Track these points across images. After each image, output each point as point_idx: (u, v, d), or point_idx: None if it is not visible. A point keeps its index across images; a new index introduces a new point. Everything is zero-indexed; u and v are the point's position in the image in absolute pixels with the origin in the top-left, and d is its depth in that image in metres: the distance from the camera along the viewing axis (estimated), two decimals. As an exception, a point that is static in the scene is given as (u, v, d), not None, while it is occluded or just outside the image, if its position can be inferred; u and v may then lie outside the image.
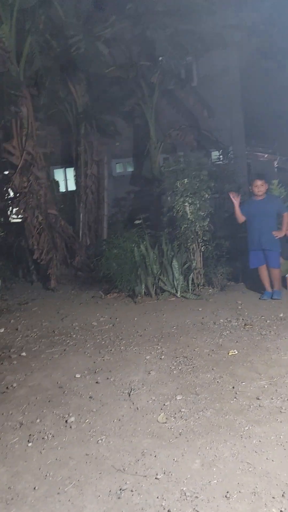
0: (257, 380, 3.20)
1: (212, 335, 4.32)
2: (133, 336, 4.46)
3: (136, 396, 3.09)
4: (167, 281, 6.09)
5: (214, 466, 2.25)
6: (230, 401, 2.91)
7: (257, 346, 3.91)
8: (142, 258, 6.04)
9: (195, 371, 3.44)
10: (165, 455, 2.38)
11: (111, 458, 2.41)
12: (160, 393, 3.11)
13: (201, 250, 6.47)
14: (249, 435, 2.50)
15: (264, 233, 5.65)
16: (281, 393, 2.95)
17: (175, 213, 6.31)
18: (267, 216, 5.66)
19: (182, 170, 6.40)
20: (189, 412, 2.81)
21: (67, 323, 5.15)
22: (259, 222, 5.66)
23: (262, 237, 5.65)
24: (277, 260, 5.74)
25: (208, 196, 6.40)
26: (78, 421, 2.82)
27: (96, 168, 8.62)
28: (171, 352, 3.90)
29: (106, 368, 3.64)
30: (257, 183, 5.69)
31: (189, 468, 2.25)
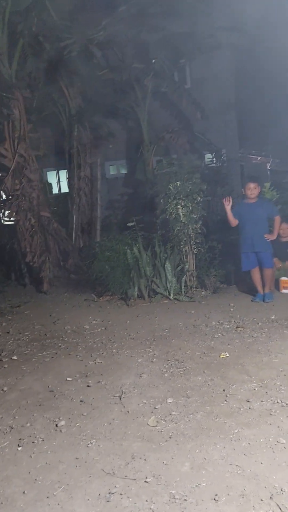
0: (247, 382, 3.21)
1: (204, 337, 4.33)
2: (125, 339, 4.46)
3: (127, 399, 3.09)
4: (160, 283, 6.11)
5: (204, 469, 2.26)
6: (220, 404, 2.92)
7: (248, 348, 3.93)
8: (135, 261, 6.05)
9: (187, 374, 3.45)
10: (155, 458, 2.39)
11: (101, 462, 2.40)
12: (151, 396, 3.11)
13: (194, 253, 6.50)
14: (238, 437, 2.50)
15: (256, 236, 5.69)
16: (271, 396, 2.96)
17: (168, 215, 6.33)
18: (259, 219, 5.70)
19: (175, 172, 6.44)
20: (180, 415, 2.81)
21: (59, 326, 5.14)
22: (251, 225, 5.70)
23: (255, 239, 5.68)
24: (270, 260, 5.78)
25: (201, 199, 6.43)
26: (69, 425, 2.81)
27: (89, 170, 8.63)
28: (163, 355, 3.91)
29: (98, 371, 3.64)
30: (250, 186, 5.72)
31: (178, 471, 2.26)
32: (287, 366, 3.45)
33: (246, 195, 5.77)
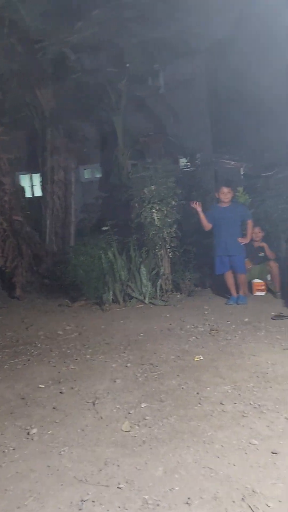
0: (221, 385, 3.23)
1: (178, 341, 4.34)
2: (99, 344, 4.43)
3: (100, 405, 3.06)
4: (135, 287, 6.10)
5: (177, 472, 2.25)
6: (194, 407, 2.93)
7: (222, 351, 3.96)
8: (110, 265, 6.02)
9: (161, 378, 3.45)
10: (128, 463, 2.37)
11: (73, 469, 2.37)
12: (125, 401, 3.09)
13: (169, 256, 6.51)
14: (211, 440, 2.51)
15: (230, 239, 5.76)
16: (244, 398, 2.99)
17: (142, 219, 6.33)
18: (232, 222, 5.78)
19: (150, 177, 6.44)
20: (154, 419, 2.80)
21: (32, 332, 5.06)
22: (225, 229, 5.77)
23: (228, 243, 5.75)
24: (242, 265, 5.85)
25: (175, 203, 6.45)
26: (41, 433, 2.76)
27: (63, 174, 8.54)
28: (138, 360, 3.89)
29: (71, 377, 3.60)
30: (224, 190, 5.79)
31: (151, 476, 2.25)
32: (260, 367, 3.49)
33: (220, 199, 5.84)
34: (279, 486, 2.08)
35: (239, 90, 12.63)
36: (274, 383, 3.19)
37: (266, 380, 3.24)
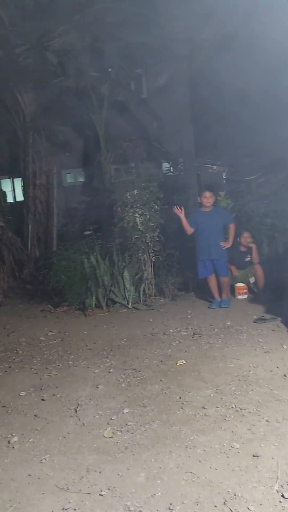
0: (203, 389, 3.24)
1: (161, 345, 4.34)
2: (82, 350, 4.40)
3: (83, 411, 3.04)
4: (118, 292, 6.08)
5: (159, 478, 2.25)
6: (176, 412, 2.93)
7: (204, 355, 3.97)
8: (93, 270, 5.99)
9: (143, 383, 3.44)
10: (110, 470, 2.36)
11: (54, 477, 2.34)
12: (107, 407, 3.08)
13: (152, 261, 6.52)
14: (194, 444, 2.52)
15: (212, 244, 5.79)
16: (226, 401, 3.00)
17: (125, 224, 6.32)
18: (214, 227, 5.81)
19: (132, 181, 6.45)
20: (136, 425, 2.80)
21: (14, 338, 5.00)
22: (207, 233, 5.80)
23: (210, 247, 5.78)
24: (224, 268, 5.89)
25: (158, 207, 6.47)
26: (22, 441, 2.73)
27: (45, 178, 8.49)
28: (120, 365, 3.88)
29: (53, 384, 3.56)
30: (206, 194, 5.82)
31: (133, 482, 2.24)
32: (242, 371, 3.51)
33: (202, 203, 5.88)
34: (260, 489, 2.09)
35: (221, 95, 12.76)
36: (255, 386, 3.21)
37: (248, 383, 3.26)
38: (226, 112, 12.66)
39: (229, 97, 12.37)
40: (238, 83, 11.10)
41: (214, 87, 12.72)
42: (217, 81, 12.66)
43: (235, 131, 12.37)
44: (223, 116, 12.64)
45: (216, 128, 12.90)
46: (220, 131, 12.93)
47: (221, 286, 5.90)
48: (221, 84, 12.60)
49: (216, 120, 12.72)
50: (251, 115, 11.25)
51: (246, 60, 10.32)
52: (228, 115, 12.54)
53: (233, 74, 12.01)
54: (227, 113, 12.61)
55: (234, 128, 12.43)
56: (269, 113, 10.65)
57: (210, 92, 12.91)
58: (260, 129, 11.20)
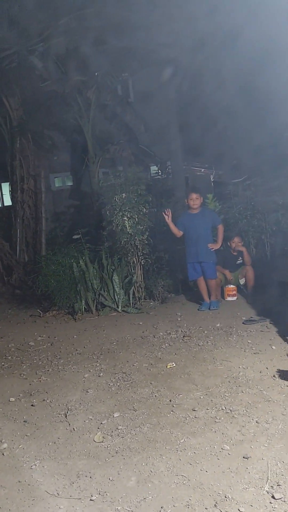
0: (193, 391, 3.25)
1: (151, 348, 4.34)
2: (71, 355, 4.38)
3: (72, 416, 3.03)
4: (108, 296, 6.07)
5: (150, 482, 2.24)
6: (167, 415, 2.93)
7: (194, 357, 3.98)
8: (82, 274, 5.97)
9: (134, 387, 3.43)
10: (100, 475, 2.35)
11: (45, 483, 2.33)
12: (97, 411, 3.07)
13: (142, 264, 6.52)
14: (184, 447, 2.52)
15: (200, 246, 5.81)
16: (216, 403, 3.01)
17: (114, 227, 6.32)
18: (202, 228, 5.83)
19: (120, 184, 6.45)
20: (126, 429, 2.79)
21: (3, 344, 4.96)
22: (195, 235, 5.82)
23: (199, 249, 5.80)
24: (212, 271, 5.90)
25: (147, 210, 6.48)
26: (11, 447, 2.70)
27: (33, 183, 8.46)
28: (110, 369, 3.87)
29: (43, 389, 3.54)
30: (193, 196, 5.84)
31: (124, 486, 2.23)
32: (232, 372, 3.53)
33: (189, 205, 5.89)
34: (250, 491, 2.10)
35: (208, 98, 12.85)
36: (245, 387, 3.23)
37: (238, 385, 3.28)
38: (214, 115, 12.76)
39: (217, 100, 12.47)
40: (225, 86, 11.19)
41: (201, 90, 12.82)
42: (204, 85, 12.76)
43: (223, 134, 12.46)
44: (210, 119, 12.73)
45: (203, 131, 12.99)
46: (208, 134, 13.01)
47: (209, 288, 5.92)
48: (208, 87, 12.70)
49: (204, 123, 12.81)
50: (239, 117, 11.34)
51: (232, 64, 10.41)
52: (215, 118, 12.64)
53: (219, 77, 12.11)
54: (215, 116, 12.70)
55: (222, 130, 12.52)
56: (257, 116, 10.75)
57: (197, 96, 13.00)
58: (248, 131, 11.30)
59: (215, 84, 12.39)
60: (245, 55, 8.61)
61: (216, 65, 11.65)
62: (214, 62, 11.41)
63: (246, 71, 9.37)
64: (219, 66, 11.64)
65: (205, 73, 12.26)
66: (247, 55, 8.60)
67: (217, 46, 10.31)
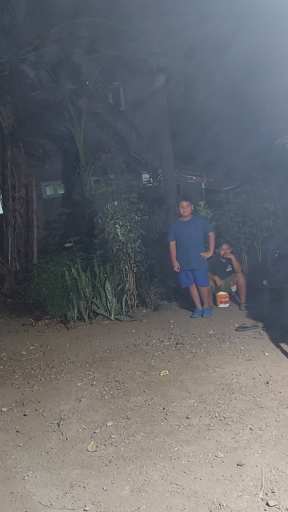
0: (187, 399, 3.24)
1: (144, 356, 4.33)
2: (64, 363, 4.35)
3: (65, 426, 3.00)
4: (100, 304, 6.05)
5: (144, 491, 2.23)
6: (160, 423, 2.92)
7: (187, 364, 3.98)
8: (74, 282, 5.96)
9: (127, 395, 3.42)
10: (94, 485, 2.32)
11: (37, 494, 2.30)
12: (90, 420, 3.05)
13: (134, 271, 6.52)
14: (178, 455, 2.51)
15: (191, 253, 5.82)
16: (210, 411, 3.01)
17: (106, 235, 6.32)
18: (193, 236, 5.84)
19: (112, 192, 6.47)
20: (120, 437, 2.77)
21: (-5, 353, 4.92)
22: (186, 243, 5.83)
23: (190, 257, 5.81)
24: (204, 278, 5.90)
25: (138, 218, 6.49)
26: (4, 458, 2.67)
27: (24, 191, 8.44)
28: (103, 377, 3.85)
29: (35, 399, 3.51)
30: (183, 204, 5.86)
31: (118, 496, 2.21)
32: (225, 379, 3.53)
33: (180, 213, 5.91)
34: (245, 498, 2.09)
35: (199, 106, 12.97)
36: (238, 394, 3.23)
37: (231, 392, 3.28)
38: (205, 123, 12.87)
39: (207, 108, 12.59)
40: (216, 95, 11.31)
41: (192, 99, 12.94)
42: (194, 93, 12.88)
43: (214, 142, 12.57)
44: (201, 127, 12.85)
45: (195, 139, 13.09)
46: (199, 142, 13.12)
47: (201, 296, 5.92)
48: (199, 96, 12.83)
49: (195, 131, 12.92)
50: (230, 125, 11.46)
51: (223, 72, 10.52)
52: (206, 126, 12.75)
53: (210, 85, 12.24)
54: (206, 124, 12.82)
55: (212, 138, 12.63)
56: (247, 123, 10.87)
57: (188, 104, 13.12)
58: (239, 139, 11.42)
59: (206, 93, 12.53)
60: (236, 64, 8.73)
61: (206, 73, 11.79)
62: (205, 71, 11.54)
63: (236, 79, 9.49)
64: (209, 75, 11.78)
65: (196, 82, 12.39)
66: (237, 64, 8.72)
67: (207, 55, 10.44)
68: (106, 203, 6.38)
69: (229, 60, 9.64)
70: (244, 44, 7.99)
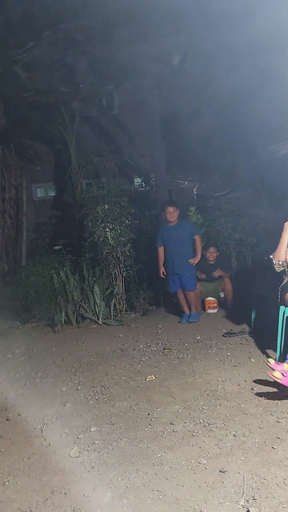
0: (172, 404, 3.23)
1: (131, 361, 4.31)
2: (50, 367, 4.32)
3: (49, 431, 2.97)
4: (88, 308, 6.02)
5: (125, 497, 2.21)
6: (144, 429, 2.90)
7: (174, 370, 3.97)
8: (62, 285, 5.92)
9: (112, 400, 3.40)
10: (75, 491, 2.30)
11: (18, 500, 2.27)
12: (74, 425, 3.02)
13: (123, 276, 6.51)
14: (161, 462, 2.49)
15: (177, 258, 5.79)
16: (194, 416, 3.00)
17: (96, 238, 6.31)
18: (180, 241, 5.80)
19: (103, 196, 6.46)
20: (103, 443, 2.75)
21: (-20, 356, 4.86)
22: (173, 248, 5.81)
23: (175, 261, 5.79)
24: (190, 283, 5.86)
25: (129, 222, 6.49)
26: (-16, 463, 2.63)
27: (14, 192, 8.39)
28: (89, 382, 3.83)
29: (19, 403, 3.47)
30: (169, 209, 5.83)
31: (99, 503, 2.19)
32: (210, 385, 3.52)
33: (166, 218, 5.88)
34: (226, 505, 2.08)
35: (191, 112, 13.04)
36: (223, 400, 3.23)
37: (216, 398, 3.27)
38: (197, 128, 12.93)
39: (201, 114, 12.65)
40: (210, 101, 11.38)
41: (185, 103, 12.99)
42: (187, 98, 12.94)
43: (205, 148, 12.63)
44: (193, 133, 12.91)
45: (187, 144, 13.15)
46: (191, 148, 13.18)
47: (188, 301, 5.91)
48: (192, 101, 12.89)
49: (187, 137, 12.98)
50: (222, 131, 11.52)
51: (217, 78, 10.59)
52: (198, 132, 12.81)
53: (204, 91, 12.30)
54: (198, 129, 12.88)
55: (205, 144, 12.69)
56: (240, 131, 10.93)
57: (181, 109, 13.18)
58: (232, 145, 11.48)
59: (200, 98, 12.59)
60: (230, 70, 8.78)
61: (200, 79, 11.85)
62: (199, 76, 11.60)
63: (231, 85, 9.54)
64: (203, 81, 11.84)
65: (190, 87, 12.44)
66: (232, 70, 8.77)
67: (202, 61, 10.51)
68: (96, 206, 6.37)
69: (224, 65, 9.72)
70: (240, 49, 8.05)
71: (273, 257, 3.67)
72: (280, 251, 3.65)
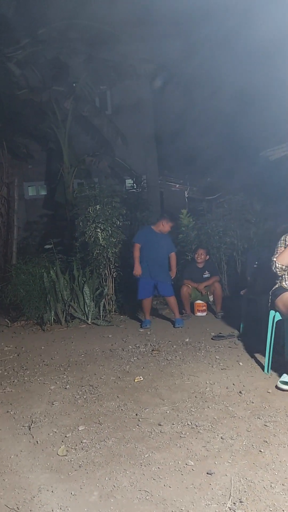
0: (160, 405, 3.25)
1: (119, 362, 4.32)
2: (38, 366, 4.30)
3: (36, 429, 2.96)
4: (77, 307, 6.02)
5: (112, 497, 2.21)
6: (132, 429, 2.91)
7: (162, 371, 3.98)
8: (52, 284, 5.91)
9: (100, 400, 3.40)
10: (62, 489, 2.30)
11: (4, 497, 2.26)
12: (62, 424, 3.01)
13: (113, 276, 6.51)
14: (148, 462, 2.50)
15: (155, 264, 5.72)
16: (182, 418, 3.02)
17: (87, 238, 6.31)
18: (162, 249, 5.77)
19: (95, 196, 6.46)
20: (91, 442, 2.75)
21: None
22: (155, 252, 5.72)
23: (153, 267, 5.71)
24: (168, 288, 5.78)
25: (120, 223, 6.50)
26: (-29, 461, 2.62)
27: (6, 190, 8.35)
28: (77, 381, 3.82)
29: (7, 401, 3.46)
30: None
31: (86, 501, 2.19)
32: (199, 387, 3.54)
33: (160, 227, 5.80)
34: (213, 507, 2.10)
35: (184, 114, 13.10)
36: (211, 402, 3.25)
37: (204, 400, 3.29)
38: (189, 132, 13.00)
39: (194, 117, 12.72)
40: (202, 105, 11.45)
41: (178, 106, 13.05)
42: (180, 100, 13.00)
43: (197, 151, 12.70)
44: (186, 136, 12.96)
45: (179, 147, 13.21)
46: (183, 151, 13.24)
47: (169, 306, 5.89)
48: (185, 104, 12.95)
49: (179, 139, 13.03)
50: (215, 134, 11.60)
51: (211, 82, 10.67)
52: (190, 135, 12.87)
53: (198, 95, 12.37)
54: (190, 133, 12.94)
55: (197, 148, 12.76)
56: (232, 134, 11.02)
57: (173, 111, 13.24)
58: (224, 148, 11.56)
59: (193, 102, 12.65)
60: (224, 75, 8.85)
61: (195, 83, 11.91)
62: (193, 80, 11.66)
63: (224, 90, 9.62)
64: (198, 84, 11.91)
65: (184, 90, 12.50)
66: (225, 75, 8.84)
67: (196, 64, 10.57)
68: (88, 207, 6.37)
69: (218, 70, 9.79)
70: (233, 55, 8.12)
71: (277, 260, 3.67)
72: (285, 255, 3.66)
